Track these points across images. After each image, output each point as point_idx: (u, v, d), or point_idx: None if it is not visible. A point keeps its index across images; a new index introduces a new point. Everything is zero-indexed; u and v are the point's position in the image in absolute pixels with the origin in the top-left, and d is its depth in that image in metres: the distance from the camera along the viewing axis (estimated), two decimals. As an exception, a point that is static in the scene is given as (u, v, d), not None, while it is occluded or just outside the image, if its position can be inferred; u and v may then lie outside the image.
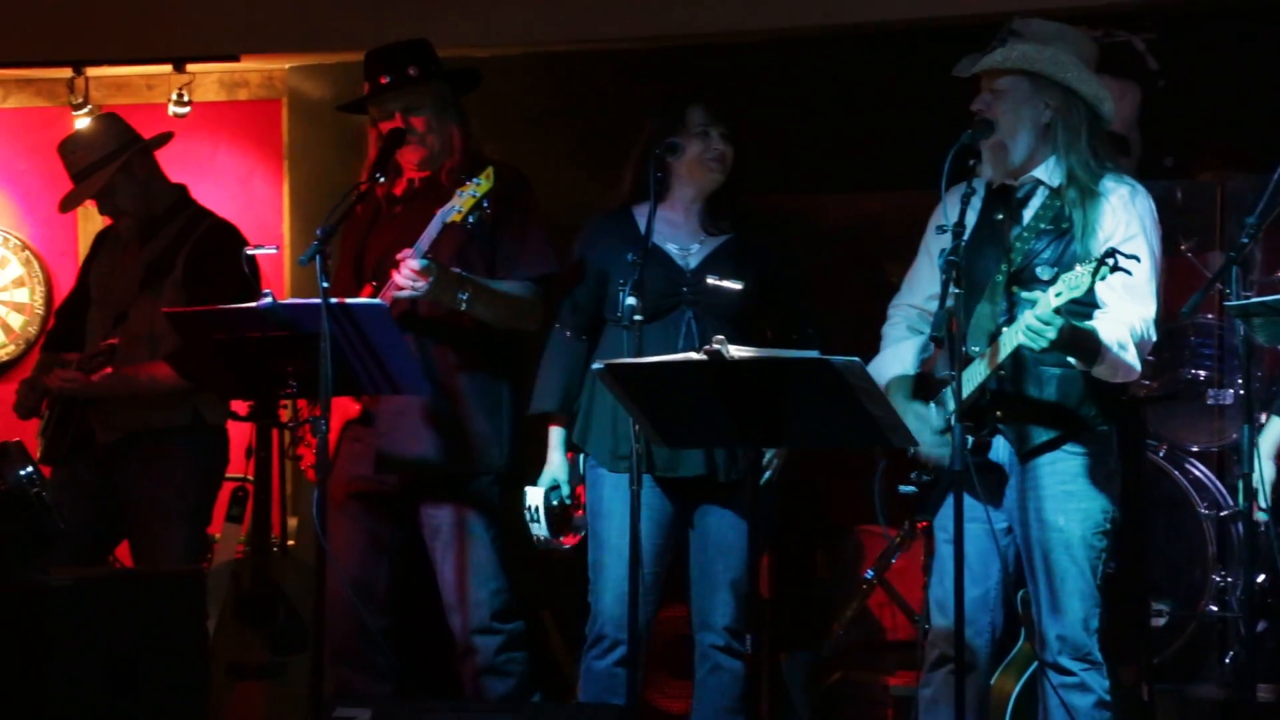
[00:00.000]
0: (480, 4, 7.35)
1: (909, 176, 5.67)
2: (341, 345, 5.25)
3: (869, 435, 4.79)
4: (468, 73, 6.07)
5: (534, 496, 5.83)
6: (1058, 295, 4.76)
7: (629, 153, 5.81)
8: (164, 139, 6.67)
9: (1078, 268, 4.76)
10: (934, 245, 5.31)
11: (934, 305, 5.12)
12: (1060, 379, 5.09)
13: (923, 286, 5.37)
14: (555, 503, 5.82)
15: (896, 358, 5.35)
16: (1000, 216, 5.20)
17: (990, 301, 5.15)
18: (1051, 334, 4.79)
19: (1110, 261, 4.67)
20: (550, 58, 7.52)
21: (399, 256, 5.56)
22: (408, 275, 5.53)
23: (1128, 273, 4.73)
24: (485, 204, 5.56)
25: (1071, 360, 5.01)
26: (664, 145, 5.60)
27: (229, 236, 6.48)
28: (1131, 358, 4.98)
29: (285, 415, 5.88)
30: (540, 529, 5.82)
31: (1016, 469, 5.16)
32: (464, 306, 5.67)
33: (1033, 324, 4.81)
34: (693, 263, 5.75)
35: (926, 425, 5.16)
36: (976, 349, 5.09)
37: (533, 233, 5.89)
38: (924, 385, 5.28)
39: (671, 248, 5.76)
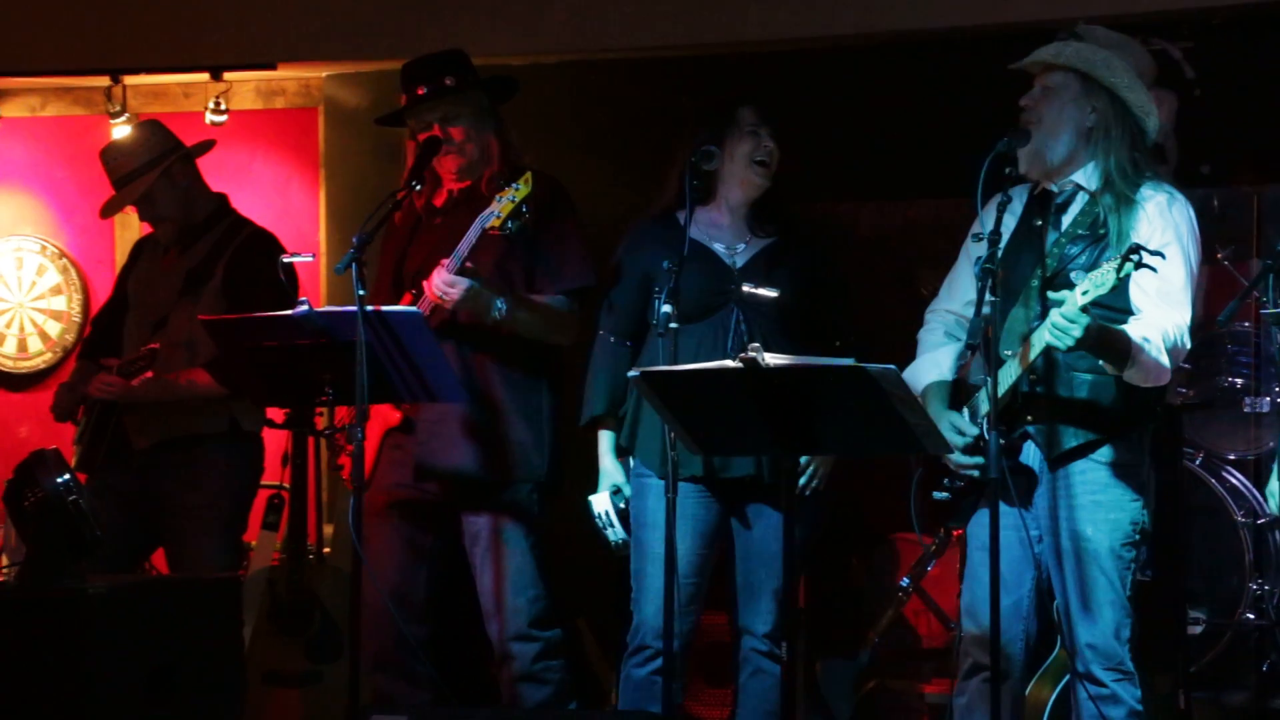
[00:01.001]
0: (519, 13, 7.35)
1: (945, 185, 5.70)
2: (378, 353, 5.25)
3: (905, 442, 4.77)
4: (505, 81, 6.02)
5: (600, 503, 5.82)
6: (1084, 294, 4.73)
7: (674, 158, 5.75)
8: (206, 146, 6.64)
9: (1103, 265, 4.74)
10: (974, 251, 5.26)
11: (971, 311, 5.11)
12: (1092, 383, 5.05)
13: (961, 292, 5.35)
14: (621, 505, 5.80)
15: (933, 363, 5.34)
16: (1039, 222, 5.18)
17: (1025, 306, 5.13)
18: (1077, 332, 4.75)
19: (1135, 258, 4.64)
20: (588, 65, 7.52)
21: (438, 267, 5.58)
22: (439, 285, 5.56)
23: (1152, 269, 4.70)
24: (525, 209, 5.55)
25: (1101, 363, 4.97)
26: (699, 152, 5.57)
27: (269, 245, 6.45)
28: (1162, 362, 4.93)
29: (321, 423, 5.90)
30: (616, 533, 5.79)
31: (1046, 475, 5.13)
32: (500, 316, 5.67)
33: (1058, 321, 4.77)
34: (739, 262, 5.74)
35: (959, 435, 5.13)
36: (1009, 352, 5.06)
37: (571, 244, 5.87)
38: (960, 391, 5.26)
39: (718, 247, 5.74)
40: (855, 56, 7.21)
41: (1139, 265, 4.66)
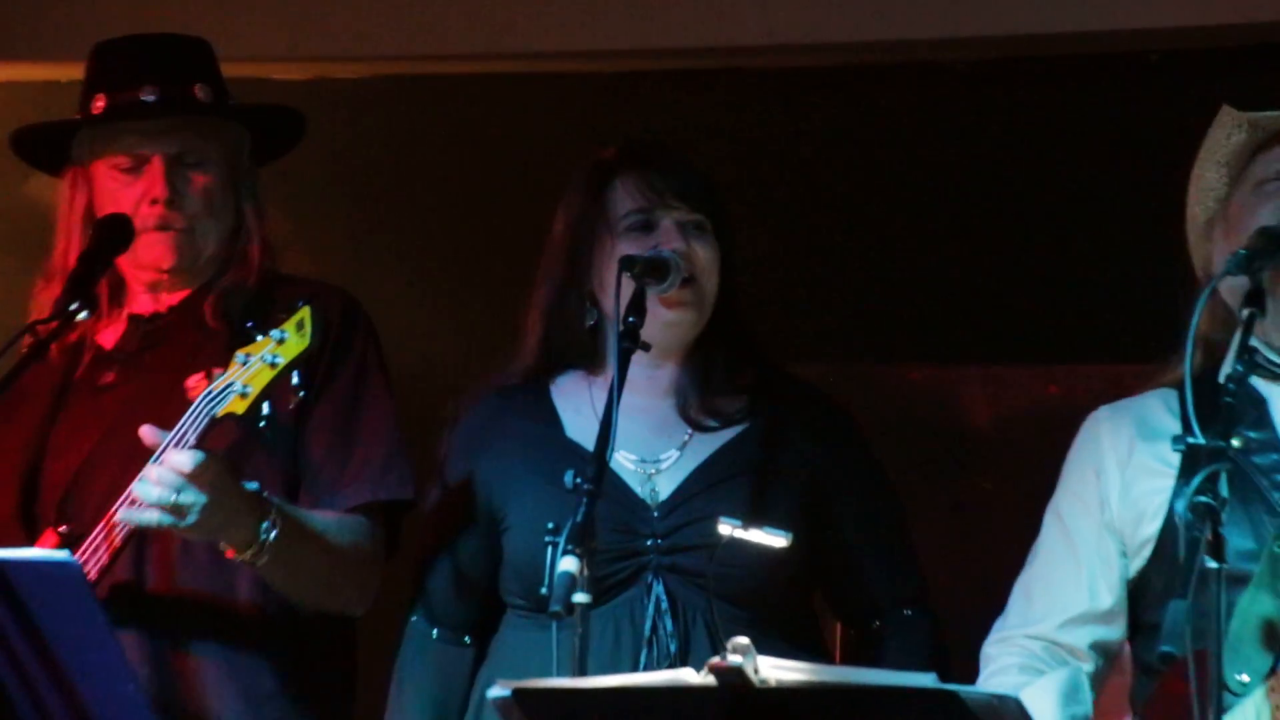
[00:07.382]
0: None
1: (1105, 345, 5.79)
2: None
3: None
4: (286, 115, 5.88)
5: None
6: None
7: (530, 291, 5.65)
8: None
9: None
10: (1077, 514, 5.27)
11: (1079, 636, 5.23)
12: None
13: (1060, 594, 5.29)
14: None
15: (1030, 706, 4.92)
16: (1237, 441, 5.00)
17: (1261, 590, 5.04)
18: None
19: None
20: (411, 83, 7.92)
21: (148, 440, 5.18)
22: (165, 483, 5.17)
23: None
24: (297, 381, 5.22)
25: None
26: (645, 263, 5.26)
27: None
28: None
29: None
30: None
31: None
32: (262, 559, 5.35)
33: None
34: (663, 490, 5.52)
35: None
36: (1241, 677, 4.93)
37: (373, 418, 5.63)
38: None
39: (625, 461, 5.45)
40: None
41: None
